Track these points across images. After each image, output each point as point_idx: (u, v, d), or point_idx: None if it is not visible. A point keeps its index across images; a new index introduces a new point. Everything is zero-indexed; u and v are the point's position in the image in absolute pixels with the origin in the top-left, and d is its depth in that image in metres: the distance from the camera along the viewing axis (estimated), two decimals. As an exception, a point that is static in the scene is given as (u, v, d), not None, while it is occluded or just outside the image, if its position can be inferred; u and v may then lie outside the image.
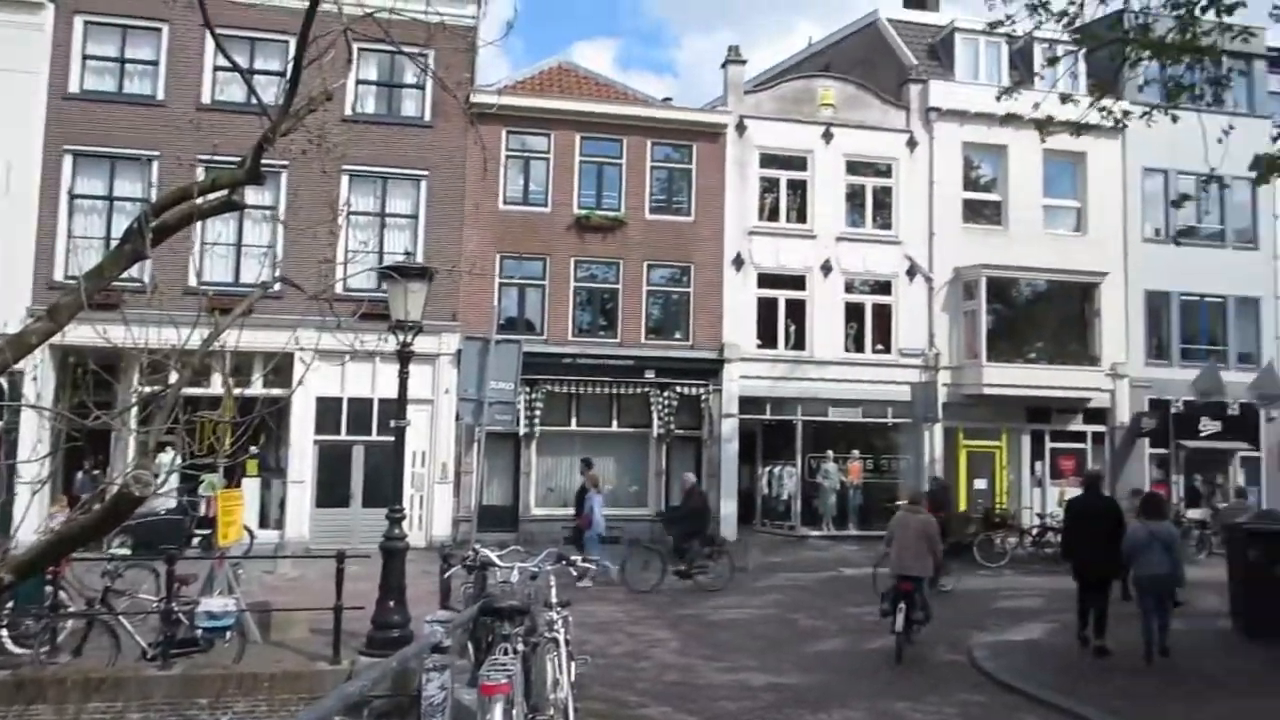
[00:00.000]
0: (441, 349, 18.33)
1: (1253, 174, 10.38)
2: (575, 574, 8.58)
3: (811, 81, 22.69)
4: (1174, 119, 10.04)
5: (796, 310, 21.52)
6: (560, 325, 20.11)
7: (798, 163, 21.76)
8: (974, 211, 22.71)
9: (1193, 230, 22.89)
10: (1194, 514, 20.96)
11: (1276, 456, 23.55)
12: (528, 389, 18.49)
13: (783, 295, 21.43)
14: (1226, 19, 9.18)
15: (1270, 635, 10.39)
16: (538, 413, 19.48)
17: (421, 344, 10.81)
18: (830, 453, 21.39)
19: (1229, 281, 23.55)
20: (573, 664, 6.60)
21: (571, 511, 16.89)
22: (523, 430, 19.02)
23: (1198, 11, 9.32)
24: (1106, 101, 10.23)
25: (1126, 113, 11.11)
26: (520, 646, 5.36)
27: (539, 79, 21.72)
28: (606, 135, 20.65)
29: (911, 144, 22.22)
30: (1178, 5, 9.43)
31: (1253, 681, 9.01)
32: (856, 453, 21.73)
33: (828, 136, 21.69)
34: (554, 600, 6.81)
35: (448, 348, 18.28)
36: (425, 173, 19.18)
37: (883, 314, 22.00)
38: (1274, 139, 10.10)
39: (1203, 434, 23.05)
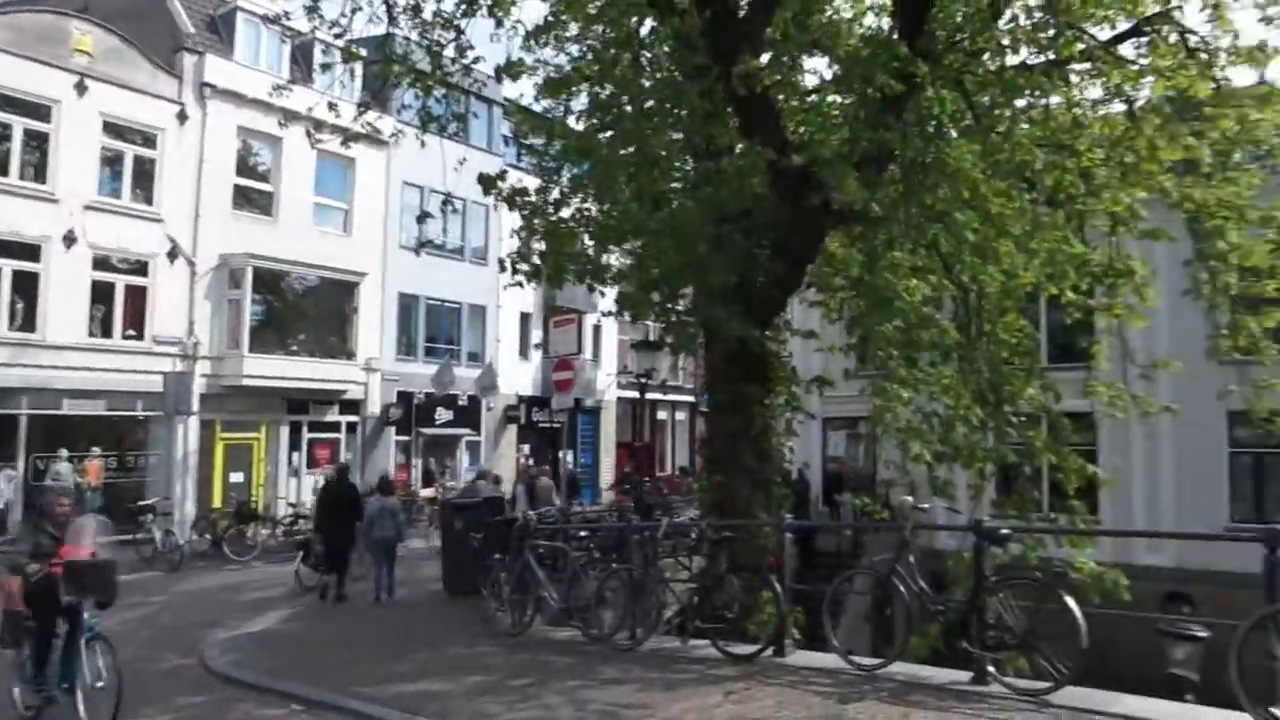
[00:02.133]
0: None
1: (488, 199, 12.22)
2: None
3: (65, 20, 19.60)
4: (423, 144, 11.41)
5: (27, 285, 18.40)
6: None
7: (42, 111, 18.66)
8: (245, 199, 22.25)
9: (439, 244, 26.03)
10: (426, 492, 23.83)
11: (494, 440, 28.21)
12: None
13: (9, 265, 18.13)
14: (465, 63, 10.77)
15: (468, 593, 11.98)
16: None
17: None
18: (64, 451, 18.72)
19: (465, 290, 27.38)
20: None
21: None
22: None
23: (446, 51, 10.78)
24: (371, 116, 11.11)
25: (400, 131, 12.26)
26: None
27: None
28: None
29: (182, 117, 20.82)
30: (431, 42, 10.77)
31: (447, 633, 10.54)
32: (98, 450, 19.41)
33: (81, 89, 19.01)
34: None
35: None
36: None
37: (137, 297, 20.11)
38: (498, 175, 12.10)
39: (438, 422, 26.40)
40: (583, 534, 12.47)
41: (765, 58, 9.73)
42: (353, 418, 24.26)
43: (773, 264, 9.69)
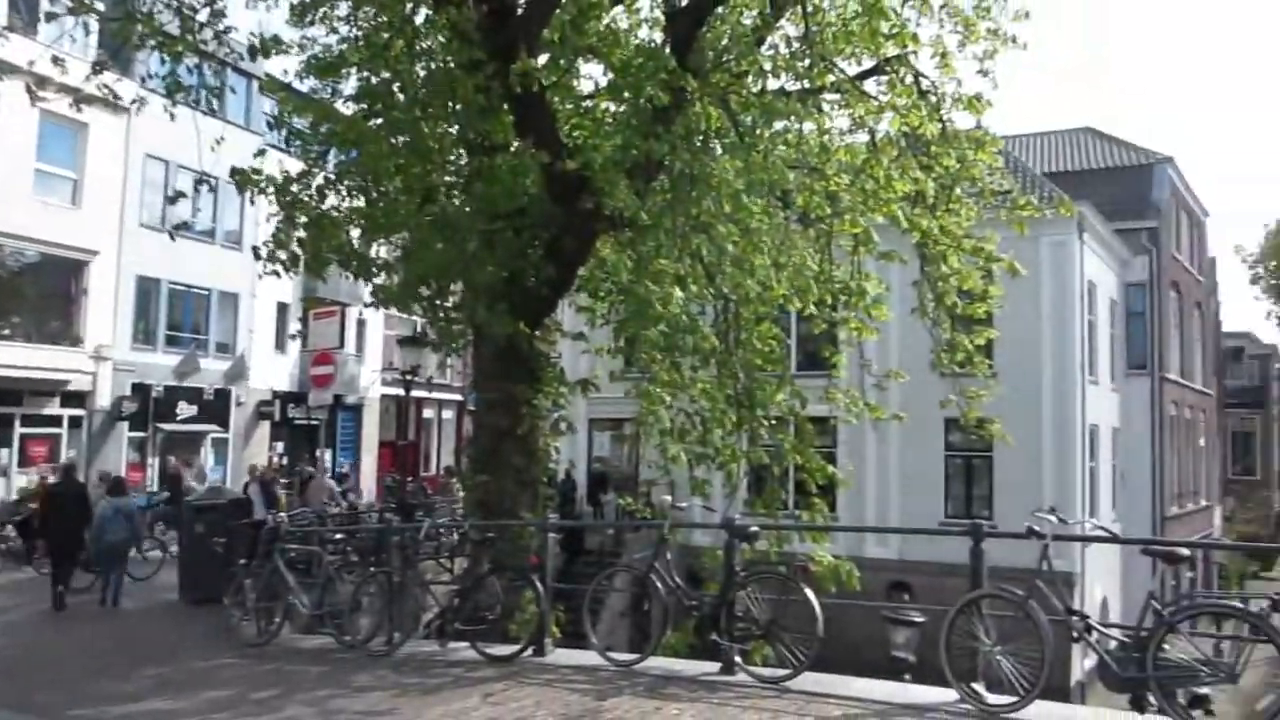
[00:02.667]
0: None
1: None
2: None
3: None
4: (172, 115, 10.44)
5: None
6: None
7: None
8: (-55, 158, 19.44)
9: (187, 224, 23.94)
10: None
11: (245, 437, 26.33)
12: None
13: None
14: (218, 30, 9.99)
15: (210, 601, 11.15)
16: None
17: None
18: None
19: (215, 276, 25.37)
20: None
21: None
22: None
23: (200, 16, 9.94)
24: (108, 78, 10.04)
25: (143, 99, 11.13)
26: None
27: None
28: None
29: None
30: (181, 3, 9.88)
31: (183, 645, 9.76)
32: None
33: None
34: None
35: None
36: None
37: None
38: (256, 154, 11.30)
39: (180, 417, 24.29)
40: (339, 536, 11.98)
41: (543, 59, 9.76)
42: (78, 411, 21.82)
43: (544, 264, 9.73)
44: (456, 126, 10.25)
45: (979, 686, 5.80)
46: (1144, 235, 27.44)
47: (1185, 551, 5.64)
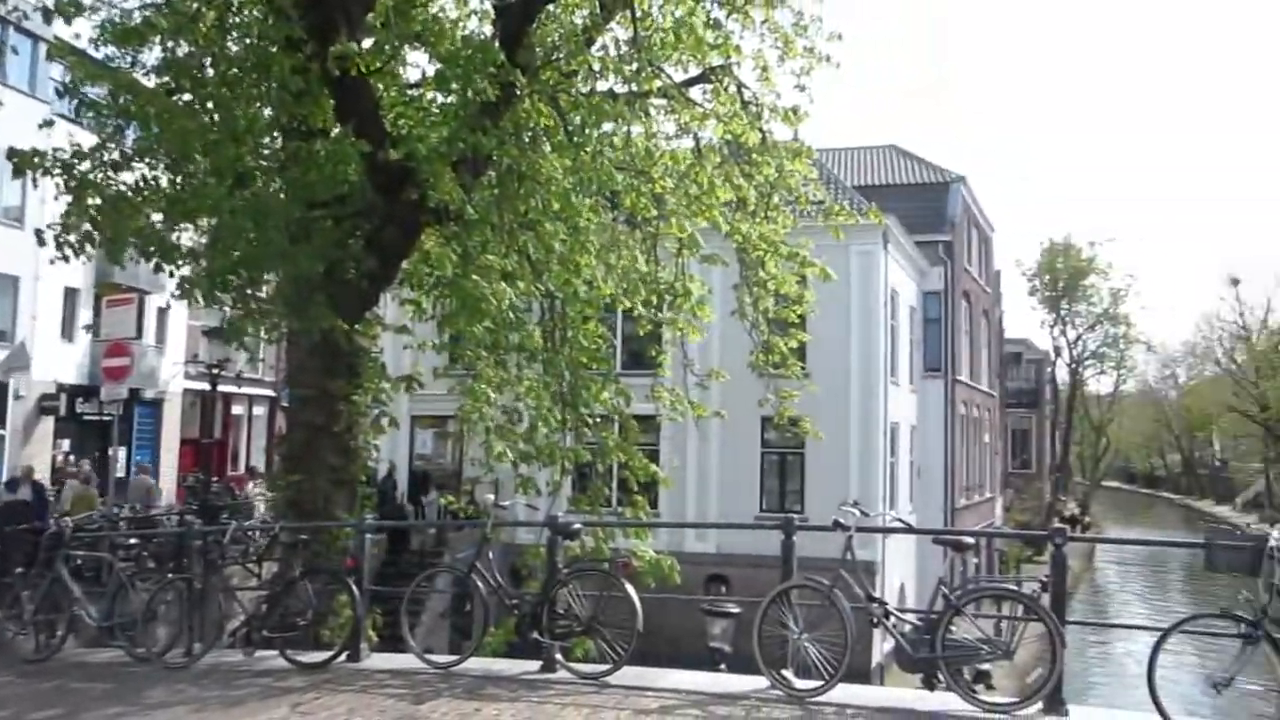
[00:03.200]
0: None
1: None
2: None
3: None
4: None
5: None
6: None
7: None
8: None
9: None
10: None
11: (24, 434, 23.93)
12: None
13: None
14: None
15: None
16: None
17: None
18: None
19: (-9, 257, 22.93)
20: None
21: None
22: None
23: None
24: None
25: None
26: None
27: None
28: None
29: None
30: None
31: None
32: None
33: None
34: None
35: None
36: None
37: None
38: (42, 125, 10.30)
39: (-56, 414, 21.80)
40: (133, 542, 11.12)
41: (369, 42, 9.42)
42: None
43: (365, 256, 9.39)
44: (271, 108, 9.72)
45: (788, 673, 6.09)
46: (940, 248, 29.64)
47: (970, 540, 6.17)
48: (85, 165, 9.51)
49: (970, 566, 30.57)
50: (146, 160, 9.92)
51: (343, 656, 7.50)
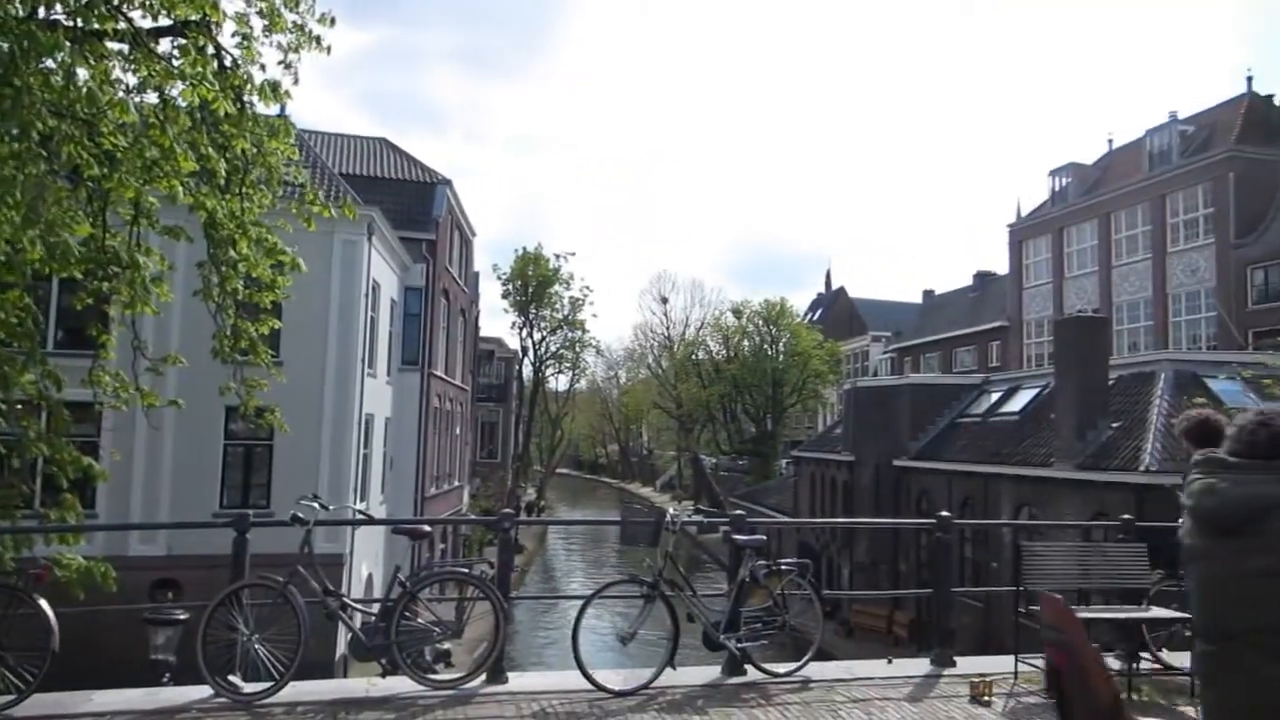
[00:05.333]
0: None
1: None
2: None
3: None
4: None
5: None
6: None
7: None
8: None
9: None
10: None
11: None
12: None
13: None
14: None
15: None
16: None
17: None
18: None
19: None
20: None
21: None
22: None
23: None
24: None
25: None
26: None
27: None
28: None
29: None
30: None
31: None
32: None
33: None
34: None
35: None
36: None
37: None
38: None
39: None
40: None
41: None
42: None
43: None
44: None
45: (235, 678, 5.80)
46: (424, 245, 30.42)
47: (427, 529, 6.44)
48: None
49: (438, 552, 31.83)
50: None
51: None
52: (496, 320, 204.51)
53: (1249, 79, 40.55)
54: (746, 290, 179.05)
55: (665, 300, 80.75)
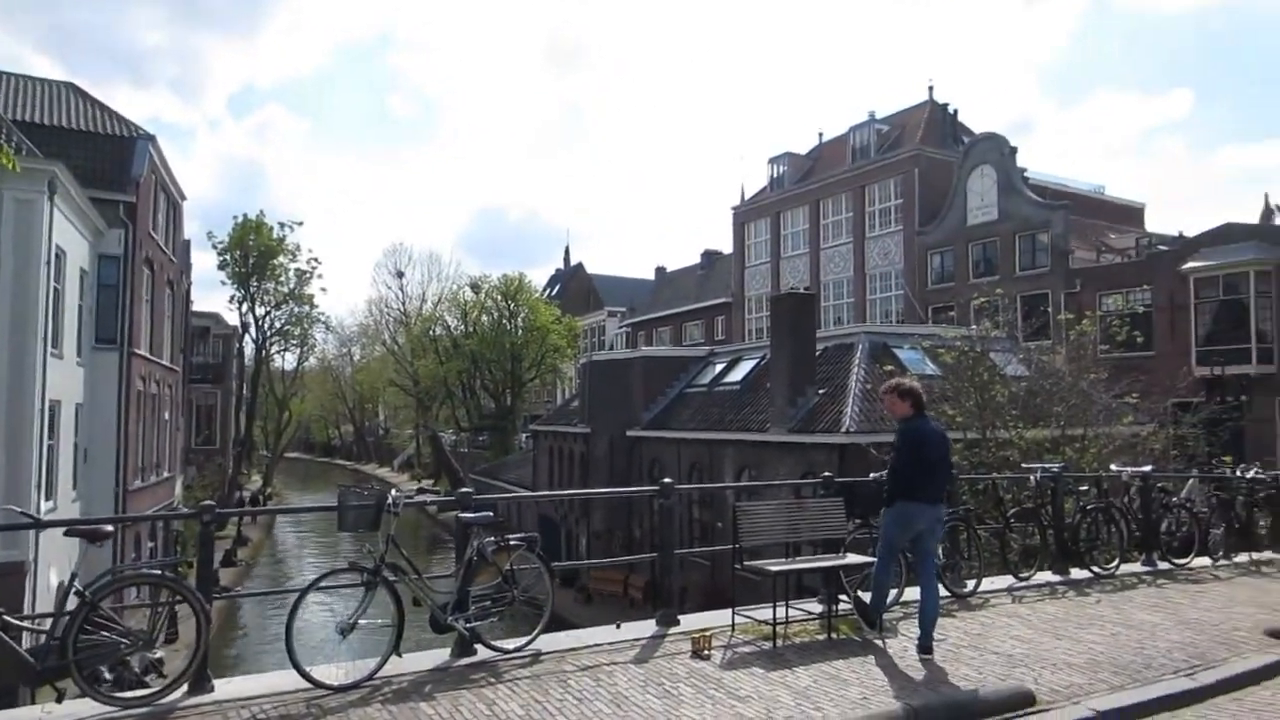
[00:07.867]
0: None
1: None
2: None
3: None
4: None
5: None
6: None
7: None
8: None
9: None
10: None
11: None
12: None
13: None
14: None
15: None
16: None
17: None
18: None
19: None
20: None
21: None
22: None
23: None
24: None
25: None
26: None
27: None
28: None
29: None
30: None
31: None
32: None
33: None
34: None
35: None
36: None
37: None
38: None
39: None
40: None
41: None
42: None
43: None
44: None
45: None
46: (121, 208, 27.19)
47: (108, 529, 5.73)
48: None
49: (145, 552, 28.90)
50: None
51: None
52: (213, 294, 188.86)
53: (930, 88, 45.89)
54: (486, 265, 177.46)
55: (401, 274, 78.15)
